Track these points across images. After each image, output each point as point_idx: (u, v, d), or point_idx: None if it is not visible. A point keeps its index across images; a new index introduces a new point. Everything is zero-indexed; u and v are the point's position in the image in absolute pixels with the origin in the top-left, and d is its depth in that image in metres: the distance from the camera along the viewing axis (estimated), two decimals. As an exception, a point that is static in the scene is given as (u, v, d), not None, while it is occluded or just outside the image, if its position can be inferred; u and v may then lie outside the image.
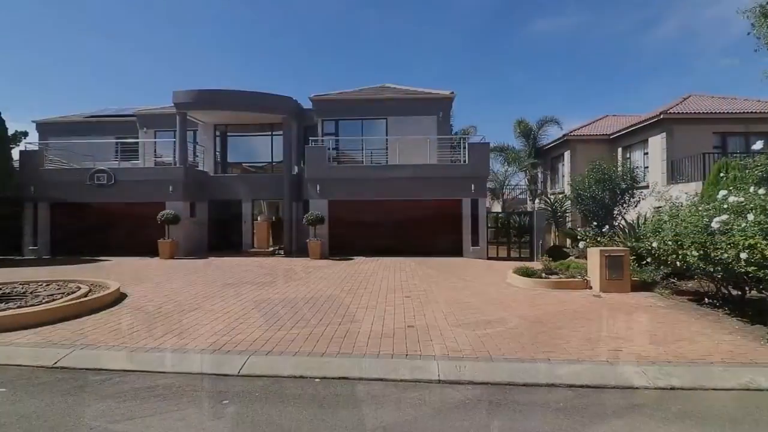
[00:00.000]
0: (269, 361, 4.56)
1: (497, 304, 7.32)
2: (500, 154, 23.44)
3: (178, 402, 3.67)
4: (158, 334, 5.45)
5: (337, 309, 6.91)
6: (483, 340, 5.20)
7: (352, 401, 3.68)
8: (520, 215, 16.83)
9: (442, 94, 17.09)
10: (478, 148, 15.14)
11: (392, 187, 14.97)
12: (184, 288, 8.80)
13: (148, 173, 15.96)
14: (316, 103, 17.30)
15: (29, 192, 15.73)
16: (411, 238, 15.22)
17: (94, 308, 6.73)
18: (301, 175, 16.54)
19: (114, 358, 4.64)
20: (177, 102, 15.97)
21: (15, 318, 5.78)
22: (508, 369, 4.31)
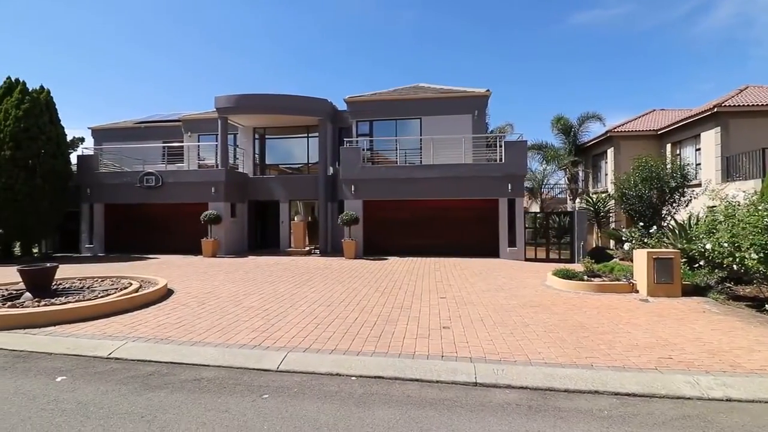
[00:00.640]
0: (306, 357, 4.66)
1: (536, 306, 7.12)
2: (538, 153, 22.74)
3: (221, 394, 3.82)
4: (202, 329, 5.70)
5: (372, 308, 6.95)
6: (521, 343, 5.07)
7: (388, 400, 3.69)
8: (559, 215, 16.26)
9: (477, 92, 16.82)
10: (514, 146, 14.77)
11: (426, 187, 14.88)
12: (225, 285, 9.14)
13: (192, 175, 16.70)
14: (350, 104, 17.49)
15: (86, 194, 16.89)
16: (446, 238, 15.08)
17: (144, 303, 7.13)
18: (336, 175, 16.77)
19: (162, 351, 4.89)
20: (218, 107, 16.63)
21: (75, 311, 6.22)
22: (548, 374, 4.17)
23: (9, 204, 14.09)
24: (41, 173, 14.73)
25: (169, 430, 3.18)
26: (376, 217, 15.46)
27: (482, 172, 14.60)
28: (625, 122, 20.94)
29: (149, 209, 17.02)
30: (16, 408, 3.55)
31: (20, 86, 15.27)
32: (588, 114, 22.20)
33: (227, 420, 3.33)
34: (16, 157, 14.23)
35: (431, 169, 14.91)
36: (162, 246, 16.53)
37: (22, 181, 14.29)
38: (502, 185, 14.38)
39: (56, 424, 3.27)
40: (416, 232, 15.38)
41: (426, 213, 15.35)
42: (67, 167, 16.28)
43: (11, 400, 3.70)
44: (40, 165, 14.73)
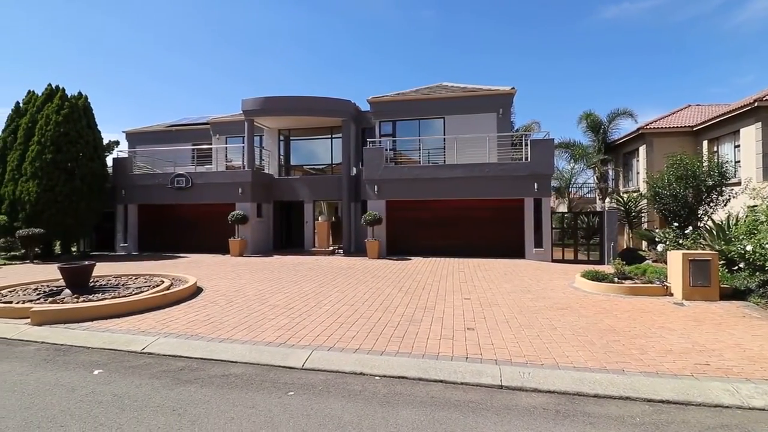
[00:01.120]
0: (331, 356, 4.70)
1: (563, 309, 6.94)
2: (566, 151, 22.14)
3: (248, 390, 3.90)
4: (230, 327, 5.84)
5: (395, 308, 6.95)
6: (548, 346, 4.96)
7: (412, 401, 3.68)
8: (588, 215, 15.80)
9: (502, 90, 16.56)
10: (541, 144, 14.45)
11: (450, 187, 14.76)
12: (252, 284, 9.33)
13: (220, 176, 17.14)
14: (373, 105, 17.54)
15: (120, 195, 17.61)
16: (470, 238, 14.91)
17: (175, 300, 7.37)
18: (360, 176, 16.86)
19: (192, 347, 5.04)
20: (245, 109, 17.02)
21: (110, 307, 6.49)
22: (576, 378, 4.06)
23: (50, 205, 14.84)
24: (80, 175, 15.46)
25: (199, 423, 3.27)
26: (399, 217, 15.44)
27: (507, 172, 14.36)
28: (659, 118, 20.17)
29: (179, 209, 17.59)
30: (57, 399, 3.73)
31: (60, 93, 16.07)
32: (618, 110, 21.49)
33: (254, 416, 3.40)
34: (57, 160, 14.98)
35: (455, 168, 14.78)
36: (191, 245, 17.08)
37: (62, 183, 15.03)
38: (528, 185, 14.10)
39: (94, 415, 3.42)
40: (440, 233, 15.28)
41: (450, 213, 15.22)
42: (104, 170, 17.02)
43: (52, 392, 3.89)
44: (78, 168, 15.47)
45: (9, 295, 7.35)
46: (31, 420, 3.33)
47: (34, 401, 3.68)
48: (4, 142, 16.22)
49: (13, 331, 5.73)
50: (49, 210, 14.84)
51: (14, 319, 6.20)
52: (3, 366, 4.57)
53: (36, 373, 4.37)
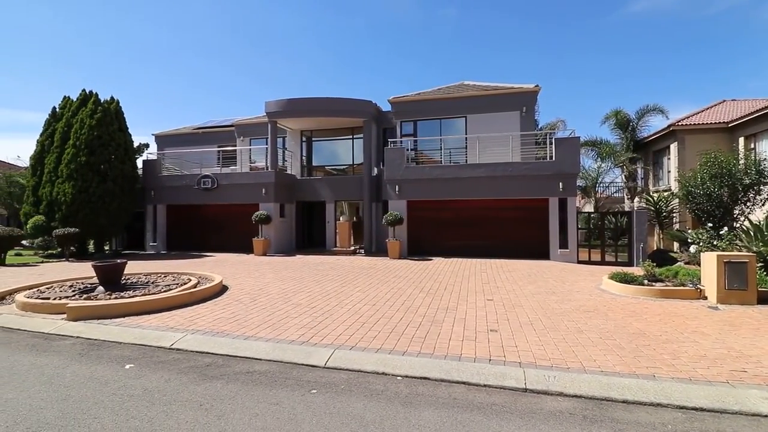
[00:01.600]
0: (353, 355, 4.72)
1: (590, 311, 6.76)
2: (592, 149, 21.55)
3: (272, 387, 3.96)
4: (254, 324, 5.95)
5: (417, 309, 6.93)
6: (574, 349, 4.84)
7: (434, 402, 3.65)
8: (616, 215, 15.34)
9: (525, 88, 16.27)
10: (566, 143, 14.13)
11: (472, 187, 14.61)
12: (275, 283, 9.48)
13: (244, 177, 17.49)
14: (394, 105, 17.54)
15: (150, 195, 18.21)
16: (492, 239, 14.72)
17: (201, 298, 7.57)
18: (381, 176, 16.89)
19: (218, 344, 5.16)
20: (268, 111, 17.31)
21: (141, 304, 6.72)
22: (604, 383, 3.95)
23: (84, 205, 15.48)
24: (112, 177, 16.07)
25: (225, 418, 3.35)
26: (420, 217, 15.39)
27: (531, 171, 14.11)
28: (691, 115, 19.40)
29: (205, 210, 18.06)
30: (91, 392, 3.89)
31: (93, 98, 16.75)
32: (648, 107, 20.76)
33: (278, 412, 3.45)
34: (91, 162, 15.61)
35: (477, 168, 14.61)
36: (217, 244, 17.51)
37: (95, 184, 15.65)
38: (552, 184, 13.81)
39: (125, 408, 3.54)
40: (461, 233, 15.14)
41: (472, 213, 15.06)
42: (134, 171, 17.63)
43: (87, 385, 4.05)
44: (110, 169, 16.09)
45: (47, 292, 7.71)
46: (67, 411, 3.48)
47: (70, 393, 3.84)
48: (42, 146, 17.01)
49: (50, 326, 6.01)
50: (84, 210, 15.47)
51: (51, 314, 6.50)
52: (41, 359, 4.80)
53: (72, 366, 4.56)
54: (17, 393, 3.84)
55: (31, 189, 16.91)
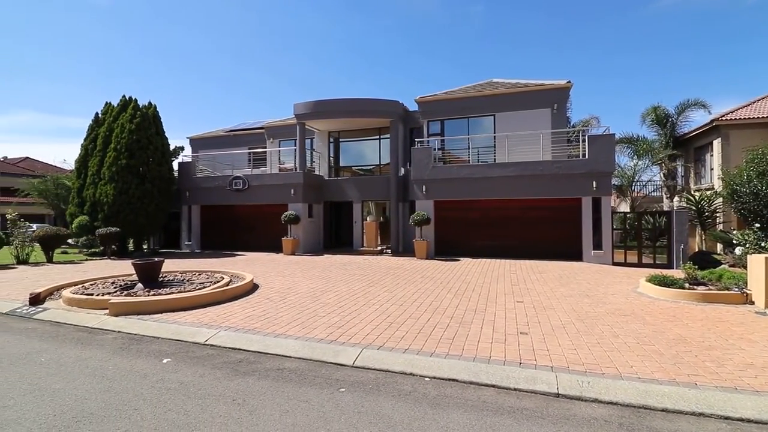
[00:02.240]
0: (381, 355, 4.73)
1: (627, 315, 6.51)
2: (628, 146, 20.70)
3: (301, 385, 4.03)
4: (284, 322, 6.06)
5: (444, 310, 6.87)
6: (610, 354, 4.67)
7: (463, 404, 3.61)
8: (654, 215, 14.69)
9: (557, 84, 15.83)
10: (600, 140, 13.64)
11: (501, 186, 14.36)
12: (304, 282, 9.63)
13: (274, 178, 17.87)
14: (421, 104, 17.46)
15: (185, 196, 18.89)
16: (522, 239, 14.41)
17: (233, 296, 7.78)
18: (407, 176, 16.85)
19: (250, 341, 5.29)
20: (297, 113, 17.61)
21: (177, 301, 6.98)
22: (642, 390, 3.79)
23: (125, 206, 16.23)
24: (150, 179, 16.77)
25: (257, 414, 3.43)
26: (447, 217, 15.26)
27: (563, 170, 13.71)
28: (736, 109, 18.32)
29: (237, 210, 18.57)
30: (131, 384, 4.07)
31: (132, 103, 17.55)
32: (689, 101, 19.75)
33: (308, 410, 3.50)
34: (130, 165, 16.35)
35: (507, 167, 14.34)
36: (247, 244, 17.98)
37: (135, 186, 16.38)
38: (585, 183, 13.38)
39: (163, 400, 3.69)
40: (490, 233, 14.90)
41: (500, 213, 14.80)
42: (171, 173, 18.34)
43: (128, 377, 4.25)
44: (149, 172, 16.80)
45: (90, 288, 8.13)
46: (109, 402, 3.66)
47: (112, 385, 4.04)
48: (86, 150, 17.97)
49: (94, 321, 6.33)
50: (124, 210, 16.22)
51: (95, 309, 6.84)
52: (86, 352, 5.06)
53: (114, 359, 4.79)
54: (64, 384, 4.07)
55: (76, 190, 17.90)
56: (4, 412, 3.46)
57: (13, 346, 5.30)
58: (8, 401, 3.67)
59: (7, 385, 4.04)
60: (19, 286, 9.16)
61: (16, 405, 3.60)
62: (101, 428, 3.20)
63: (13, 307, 7.26)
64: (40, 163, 41.35)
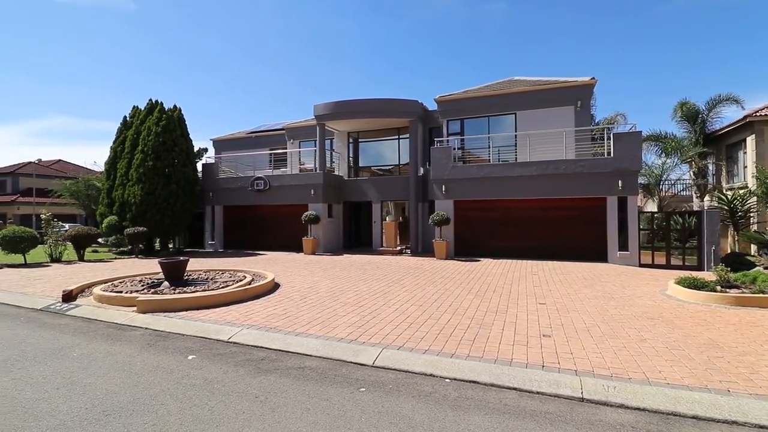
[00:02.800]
0: (400, 355, 4.72)
1: (654, 318, 6.31)
2: (656, 144, 20.03)
3: (322, 384, 4.06)
4: (304, 321, 6.12)
5: (465, 311, 6.81)
6: (637, 359, 4.53)
7: (484, 407, 3.57)
8: (683, 215, 14.19)
9: (580, 81, 15.48)
10: (626, 138, 13.26)
11: (522, 186, 14.13)
12: (324, 281, 9.71)
13: (294, 179, 18.08)
14: (440, 104, 17.35)
15: (209, 197, 19.32)
16: (544, 240, 14.14)
17: (255, 294, 7.91)
18: (427, 176, 16.78)
19: (271, 339, 5.37)
20: (316, 114, 17.77)
21: (201, 299, 7.15)
22: (671, 396, 3.66)
23: (151, 206, 16.72)
24: (175, 180, 17.22)
25: (278, 411, 3.48)
26: (467, 217, 15.12)
27: (587, 168, 13.38)
28: (772, 104, 17.49)
29: (259, 210, 18.87)
30: (158, 379, 4.18)
31: (159, 106, 18.06)
32: (720, 96, 18.94)
33: (328, 408, 3.53)
34: (157, 166, 16.83)
35: (528, 166, 14.10)
36: (269, 243, 18.26)
37: (161, 187, 16.85)
38: (611, 182, 13.03)
39: (188, 396, 3.78)
40: (511, 234, 14.69)
41: (522, 213, 14.56)
42: (195, 174, 18.80)
43: (155, 373, 4.37)
44: (174, 173, 17.25)
45: (120, 286, 8.40)
46: (137, 396, 3.77)
47: (140, 380, 4.16)
48: (115, 152, 18.59)
49: (123, 317, 6.55)
50: (151, 211, 16.71)
51: (124, 306, 7.08)
52: (115, 348, 5.24)
53: (141, 355, 4.94)
54: (95, 378, 4.22)
55: (106, 191, 18.55)
56: (39, 405, 3.61)
57: (48, 341, 5.53)
58: (43, 394, 3.83)
59: (42, 378, 4.21)
60: (53, 284, 9.55)
61: (50, 398, 3.75)
62: (130, 422, 3.30)
63: (48, 304, 7.57)
64: (72, 165, 42.98)
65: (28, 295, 8.36)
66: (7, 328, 6.19)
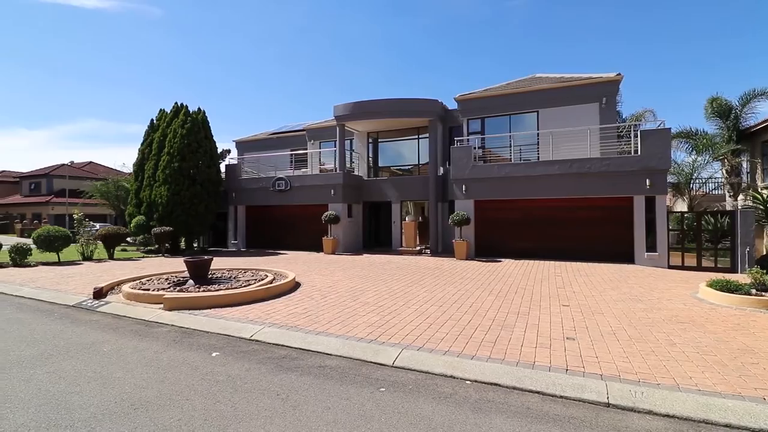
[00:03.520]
0: (420, 356, 4.70)
1: (685, 322, 6.08)
2: (686, 141, 19.32)
3: (342, 383, 4.08)
4: (325, 321, 6.17)
5: (486, 312, 6.72)
6: (666, 364, 4.38)
7: (506, 410, 3.52)
8: (715, 215, 13.66)
9: (605, 77, 15.06)
10: (654, 135, 12.83)
11: (545, 185, 13.86)
12: (344, 281, 9.76)
13: (315, 179, 18.26)
14: (460, 102, 17.19)
15: (231, 197, 19.72)
16: (567, 240, 13.84)
17: (276, 294, 8.03)
18: (447, 175, 16.66)
19: (292, 338, 5.44)
20: (336, 115, 17.89)
21: (224, 298, 7.29)
22: (702, 403, 3.52)
23: (177, 206, 17.17)
24: (200, 181, 17.65)
25: (300, 409, 3.51)
26: (488, 217, 14.94)
27: (613, 167, 13.02)
28: (812, 98, 16.61)
29: (280, 210, 19.14)
30: (183, 375, 4.29)
31: (183, 109, 18.53)
32: (754, 91, 18.12)
33: (348, 407, 3.54)
34: (182, 167, 17.27)
35: (551, 165, 13.82)
36: (289, 243, 18.50)
37: (186, 187, 17.29)
38: (638, 181, 12.64)
39: (212, 392, 3.86)
40: (532, 234, 14.43)
41: (544, 213, 14.29)
42: (218, 175, 19.21)
43: (180, 369, 4.48)
44: (198, 174, 17.67)
45: (147, 284, 8.66)
46: (164, 392, 3.88)
47: (167, 376, 4.28)
48: (143, 154, 19.19)
49: (150, 314, 6.75)
50: (176, 211, 17.17)
51: (151, 304, 7.29)
52: (143, 344, 5.40)
53: (168, 351, 5.08)
54: (124, 373, 4.36)
55: (134, 192, 19.16)
56: (72, 398, 3.76)
57: (80, 336, 5.75)
58: (76, 387, 3.98)
59: (74, 372, 4.38)
60: (85, 281, 9.93)
61: (82, 391, 3.90)
62: (157, 416, 3.40)
63: (80, 300, 7.88)
64: (102, 166, 44.63)
65: (61, 291, 8.71)
66: (43, 323, 6.47)
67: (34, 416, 3.39)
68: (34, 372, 4.37)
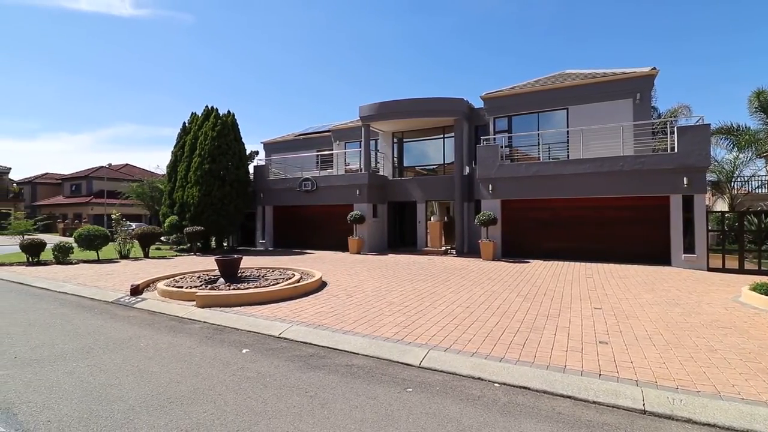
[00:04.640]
0: (447, 357, 4.67)
1: (726, 327, 5.79)
2: (727, 138, 18.36)
3: (369, 382, 4.10)
4: (351, 320, 6.22)
5: (514, 314, 6.61)
6: (706, 370, 4.18)
7: (536, 414, 3.45)
8: (759, 215, 12.92)
9: (639, 72, 14.51)
10: (692, 131, 12.26)
11: (575, 184, 13.48)
12: (369, 280, 9.81)
13: (340, 179, 18.42)
14: (487, 101, 16.95)
15: (259, 198, 20.16)
16: (598, 241, 13.41)
17: (304, 292, 8.15)
18: (473, 175, 16.46)
19: (320, 336, 5.51)
20: (362, 115, 17.99)
21: (253, 296, 7.46)
22: (746, 412, 3.34)
23: (208, 207, 17.70)
24: (229, 182, 18.13)
25: (328, 407, 3.55)
26: (515, 217, 14.66)
27: (648, 165, 12.51)
28: None
29: (306, 210, 19.43)
30: (215, 371, 4.42)
31: (214, 112, 19.07)
32: (805, 84, 17.03)
33: (376, 407, 3.56)
34: (213, 169, 17.78)
35: (582, 163, 13.43)
36: (315, 242, 18.75)
37: (216, 188, 17.80)
38: (674, 179, 12.12)
39: (243, 388, 3.96)
40: (562, 234, 14.06)
41: (574, 213, 13.90)
42: (247, 176, 19.68)
43: (212, 364, 4.62)
44: (228, 175, 18.16)
45: (180, 281, 8.97)
46: (197, 387, 4.00)
47: (200, 371, 4.42)
48: (175, 156, 19.87)
49: (183, 311, 6.98)
50: (207, 211, 17.69)
51: (184, 301, 7.55)
52: (177, 339, 5.59)
53: (200, 347, 5.24)
54: (159, 367, 4.53)
55: (167, 193, 19.86)
56: (111, 390, 3.93)
57: (118, 331, 6.01)
58: (114, 380, 4.17)
59: (113, 366, 4.59)
60: (122, 278, 10.38)
61: (120, 384, 4.07)
62: (191, 410, 3.51)
63: (118, 297, 8.24)
64: (138, 168, 46.55)
65: (101, 288, 9.14)
66: (84, 318, 6.80)
67: (77, 407, 3.57)
68: (76, 365, 4.60)
